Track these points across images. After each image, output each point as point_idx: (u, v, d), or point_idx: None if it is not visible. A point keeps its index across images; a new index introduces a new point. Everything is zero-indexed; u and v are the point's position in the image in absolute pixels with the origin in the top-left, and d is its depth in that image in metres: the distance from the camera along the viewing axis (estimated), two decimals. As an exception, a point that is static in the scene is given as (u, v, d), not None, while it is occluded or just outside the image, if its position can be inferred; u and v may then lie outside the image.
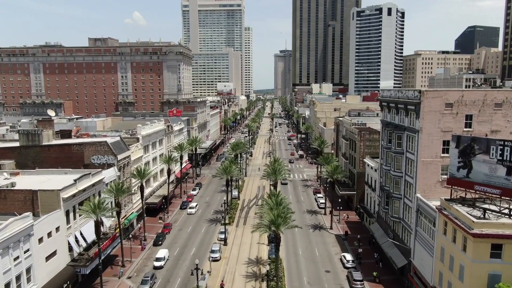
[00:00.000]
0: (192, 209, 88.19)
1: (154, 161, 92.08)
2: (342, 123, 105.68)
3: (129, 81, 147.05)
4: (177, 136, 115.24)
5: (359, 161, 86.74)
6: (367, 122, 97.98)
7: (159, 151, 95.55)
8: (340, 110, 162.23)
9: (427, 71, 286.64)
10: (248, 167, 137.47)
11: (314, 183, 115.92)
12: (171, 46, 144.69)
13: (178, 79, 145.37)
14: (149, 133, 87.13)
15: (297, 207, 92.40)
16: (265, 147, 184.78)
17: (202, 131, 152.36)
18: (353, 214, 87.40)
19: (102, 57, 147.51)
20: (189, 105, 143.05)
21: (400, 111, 57.52)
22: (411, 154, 53.38)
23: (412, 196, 53.17)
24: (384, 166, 62.42)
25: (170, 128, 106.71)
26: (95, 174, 61.48)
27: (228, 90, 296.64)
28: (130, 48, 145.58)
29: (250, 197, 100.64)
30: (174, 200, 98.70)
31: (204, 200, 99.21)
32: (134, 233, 76.59)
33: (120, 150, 72.52)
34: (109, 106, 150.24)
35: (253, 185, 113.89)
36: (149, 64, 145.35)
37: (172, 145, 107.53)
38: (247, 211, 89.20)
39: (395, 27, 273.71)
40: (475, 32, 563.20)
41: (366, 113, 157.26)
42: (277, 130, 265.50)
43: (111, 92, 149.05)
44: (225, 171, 78.66)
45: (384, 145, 62.44)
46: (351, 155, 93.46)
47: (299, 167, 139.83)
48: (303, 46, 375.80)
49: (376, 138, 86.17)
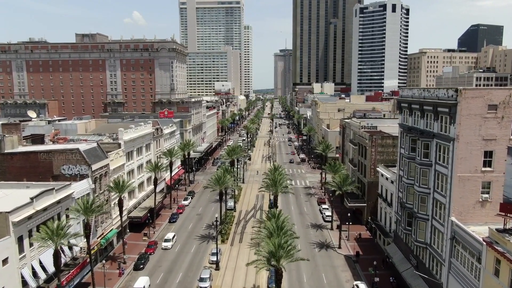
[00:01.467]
0: (167, 243, 68.21)
1: (140, 169, 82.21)
2: (349, 125, 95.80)
3: (118, 80, 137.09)
4: (168, 139, 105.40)
5: (370, 169, 76.90)
6: (378, 125, 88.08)
7: (145, 157, 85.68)
8: (344, 111, 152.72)
9: (432, 70, 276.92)
10: (246, 172, 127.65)
11: (318, 191, 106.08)
12: (163, 42, 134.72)
13: (171, 77, 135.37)
14: (133, 137, 77.23)
15: (300, 220, 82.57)
16: (264, 149, 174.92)
17: (197, 133, 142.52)
18: (363, 229, 77.53)
19: (90, 54, 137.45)
20: (182, 105, 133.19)
21: (426, 114, 47.64)
22: (443, 167, 43.50)
23: (444, 219, 43.31)
24: (405, 179, 52.50)
25: (160, 131, 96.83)
26: (60, 188, 51.64)
27: (226, 89, 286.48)
28: (120, 45, 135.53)
29: (247, 208, 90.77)
30: (163, 211, 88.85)
31: (196, 211, 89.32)
32: (113, 253, 66.68)
33: (96, 159, 62.63)
34: (97, 107, 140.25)
35: (252, 193, 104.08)
36: (140, 62, 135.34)
37: (162, 150, 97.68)
38: (244, 225, 79.30)
39: (399, 24, 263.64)
40: (479, 31, 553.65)
41: (372, 114, 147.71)
42: (277, 131, 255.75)
43: (99, 91, 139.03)
44: (218, 181, 68.69)
45: (405, 154, 52.51)
46: (360, 162, 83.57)
47: (301, 172, 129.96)
48: (303, 44, 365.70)
49: (390, 144, 76.42)
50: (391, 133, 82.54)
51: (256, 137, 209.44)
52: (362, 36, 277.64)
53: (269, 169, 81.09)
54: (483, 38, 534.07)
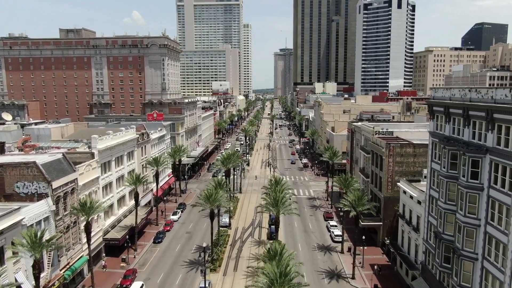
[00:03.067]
0: None
1: (120, 182, 71.21)
2: (360, 130, 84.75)
3: (105, 79, 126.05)
4: (156, 145, 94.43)
5: (387, 183, 65.95)
6: (394, 130, 77.06)
7: (127, 167, 74.71)
8: (350, 112, 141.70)
9: (439, 69, 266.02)
10: (244, 180, 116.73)
11: (324, 202, 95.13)
12: (154, 38, 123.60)
13: (162, 76, 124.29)
14: (111, 145, 66.21)
15: (305, 240, 71.63)
16: (264, 153, 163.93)
17: (191, 136, 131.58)
18: (378, 252, 66.63)
19: (74, 51, 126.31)
20: (175, 106, 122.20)
21: (474, 122, 36.67)
22: (502, 194, 32.55)
23: (503, 263, 32.34)
24: (441, 203, 41.54)
25: (146, 137, 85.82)
26: (5, 214, 40.70)
27: (224, 89, 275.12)
28: (106, 41, 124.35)
29: (244, 224, 79.77)
30: (148, 228, 77.89)
31: (186, 228, 78.35)
32: (83, 286, 55.65)
33: (60, 173, 51.66)
34: (82, 108, 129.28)
35: (249, 205, 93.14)
36: (128, 59, 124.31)
37: (148, 157, 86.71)
38: (239, 247, 68.32)
39: (405, 21, 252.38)
40: (483, 29, 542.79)
41: (381, 116, 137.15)
42: (277, 132, 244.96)
43: (84, 91, 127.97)
44: (208, 199, 57.62)
45: (441, 172, 41.54)
46: (374, 173, 72.56)
47: (304, 180, 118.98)
48: (304, 43, 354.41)
49: (410, 153, 65.48)
50: (410, 140, 71.67)
51: (256, 139, 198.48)
52: (366, 33, 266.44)
53: (269, 182, 70.13)
54: (487, 36, 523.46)
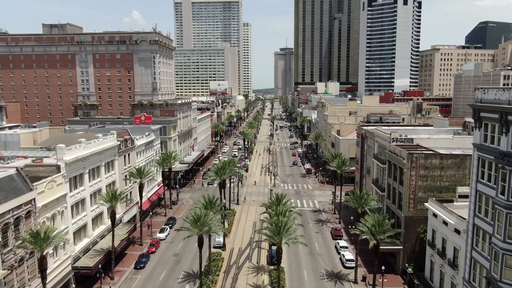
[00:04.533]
0: None
1: (96, 197, 61.14)
2: (373, 136, 74.61)
3: (90, 77, 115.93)
4: (143, 152, 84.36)
5: (409, 200, 55.99)
6: (414, 136, 66.99)
7: (106, 179, 64.67)
8: (356, 114, 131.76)
9: (446, 68, 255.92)
10: (242, 188, 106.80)
11: (331, 215, 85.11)
12: (144, 33, 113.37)
13: (153, 75, 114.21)
14: (83, 156, 56.12)
15: (311, 265, 61.62)
16: (264, 157, 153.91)
17: (185, 140, 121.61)
18: (397, 281, 56.54)
19: (57, 48, 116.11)
20: (167, 108, 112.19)
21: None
22: None
23: None
24: (497, 240, 31.48)
25: (130, 143, 75.73)
26: None
27: (222, 89, 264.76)
28: (92, 36, 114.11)
29: (241, 245, 69.73)
30: (131, 249, 67.94)
31: (173, 249, 68.35)
32: (42, 330, 45.48)
33: (10, 194, 41.68)
34: (66, 110, 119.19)
35: (248, 219, 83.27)
36: (116, 56, 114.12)
37: (133, 166, 76.68)
38: (235, 275, 58.28)
39: (411, 18, 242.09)
40: (488, 28, 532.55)
41: (390, 118, 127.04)
42: (277, 134, 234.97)
43: (68, 92, 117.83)
44: (195, 222, 47.46)
45: (498, 200, 31.46)
46: (392, 188, 62.51)
47: (307, 188, 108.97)
48: (306, 41, 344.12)
49: (436, 165, 55.53)
50: (432, 148, 61.68)
51: (255, 141, 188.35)
52: (370, 31, 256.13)
53: (269, 199, 60.06)
54: (492, 35, 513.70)
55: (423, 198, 55.77)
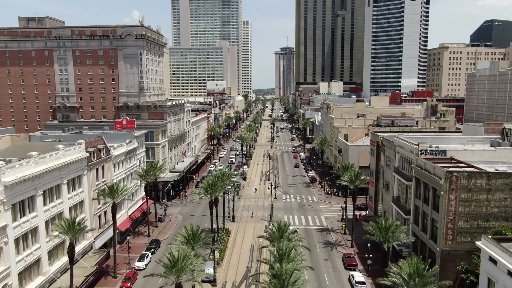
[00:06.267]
0: None
1: (55, 223, 49.22)
2: (393, 145, 62.56)
3: (70, 76, 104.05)
4: (123, 163, 72.38)
5: (447, 230, 44.31)
6: (446, 147, 54.99)
7: (69, 200, 52.85)
8: (365, 117, 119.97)
9: (455, 67, 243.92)
10: (239, 201, 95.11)
11: (341, 236, 73.26)
12: (129, 27, 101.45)
13: (139, 73, 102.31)
14: (32, 174, 44.25)
15: (321, 307, 49.74)
16: (264, 163, 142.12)
17: (176, 146, 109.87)
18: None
19: (32, 43, 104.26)
20: (155, 110, 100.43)
21: None
22: None
23: None
24: None
25: (104, 153, 63.84)
26: None
27: (220, 89, 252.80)
28: (71, 30, 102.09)
29: (236, 278, 57.84)
30: (102, 283, 56.24)
31: (154, 284, 56.33)
32: None
33: None
34: (43, 113, 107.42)
35: (244, 240, 71.42)
36: (99, 53, 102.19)
37: (109, 181, 64.87)
38: (226, 323, 46.37)
39: (419, 14, 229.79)
40: (493, 27, 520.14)
41: (403, 121, 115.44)
42: (278, 136, 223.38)
43: (45, 92, 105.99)
44: (170, 268, 35.46)
45: None
46: (422, 212, 50.64)
47: (313, 201, 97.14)
48: (308, 39, 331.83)
49: (482, 187, 43.77)
50: (469, 162, 49.85)
51: (254, 145, 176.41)
52: (376, 28, 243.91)
53: (270, 231, 48.27)
54: (498, 34, 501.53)
55: (464, 228, 44.17)
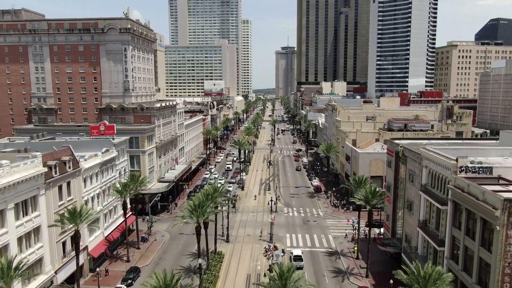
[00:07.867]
0: None
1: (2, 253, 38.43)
2: (420, 158, 51.46)
3: (47, 75, 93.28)
4: (99, 175, 61.48)
5: (503, 275, 33.46)
6: (490, 163, 43.98)
7: (18, 229, 42.12)
8: (375, 120, 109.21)
9: (464, 66, 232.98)
10: (235, 216, 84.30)
11: (353, 262, 62.37)
12: (112, 19, 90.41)
13: (124, 72, 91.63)
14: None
15: None
16: (264, 169, 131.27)
17: (167, 152, 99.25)
18: None
19: (5, 37, 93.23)
20: (142, 113, 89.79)
21: None
22: None
23: None
24: None
25: (71, 167, 52.96)
26: None
27: (218, 89, 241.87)
28: (48, 23, 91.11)
29: (227, 321, 46.97)
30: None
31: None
32: None
33: None
34: (17, 116, 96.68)
35: (239, 268, 60.59)
36: (79, 49, 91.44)
37: (77, 200, 54.08)
38: None
39: (428, 11, 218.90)
40: (499, 25, 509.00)
41: (417, 125, 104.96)
42: (279, 138, 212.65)
43: (20, 92, 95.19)
44: None
45: None
46: (463, 247, 39.71)
47: (318, 215, 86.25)
48: (309, 38, 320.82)
49: (553, 220, 32.70)
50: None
51: (254, 149, 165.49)
52: (381, 26, 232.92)
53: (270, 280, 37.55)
54: (503, 32, 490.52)
55: (528, 275, 33.22)
